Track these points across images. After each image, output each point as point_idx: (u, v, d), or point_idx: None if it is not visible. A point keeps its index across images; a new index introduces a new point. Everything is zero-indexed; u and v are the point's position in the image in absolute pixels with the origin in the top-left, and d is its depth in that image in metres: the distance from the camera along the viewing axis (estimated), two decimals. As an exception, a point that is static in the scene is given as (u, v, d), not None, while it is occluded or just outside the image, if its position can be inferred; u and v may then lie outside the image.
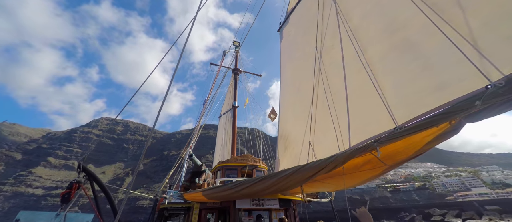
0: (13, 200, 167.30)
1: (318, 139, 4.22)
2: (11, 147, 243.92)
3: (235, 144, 12.38)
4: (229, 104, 16.06)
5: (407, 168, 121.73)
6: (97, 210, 2.59)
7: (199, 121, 12.23)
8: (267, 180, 3.36)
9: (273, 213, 6.88)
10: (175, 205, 6.45)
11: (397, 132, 2.09)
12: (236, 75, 16.86)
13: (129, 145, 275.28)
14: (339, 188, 4.61)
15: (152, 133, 10.76)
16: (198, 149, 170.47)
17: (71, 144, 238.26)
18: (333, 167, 2.64)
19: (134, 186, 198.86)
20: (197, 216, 5.58)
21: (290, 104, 5.87)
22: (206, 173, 7.08)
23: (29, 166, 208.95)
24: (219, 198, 5.03)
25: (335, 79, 3.97)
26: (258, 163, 8.87)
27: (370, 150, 2.42)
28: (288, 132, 5.60)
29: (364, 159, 2.70)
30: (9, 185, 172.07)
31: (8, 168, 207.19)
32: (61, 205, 2.30)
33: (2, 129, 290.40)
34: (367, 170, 2.94)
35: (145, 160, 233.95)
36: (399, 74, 2.93)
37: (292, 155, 5.01)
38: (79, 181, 2.40)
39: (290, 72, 6.20)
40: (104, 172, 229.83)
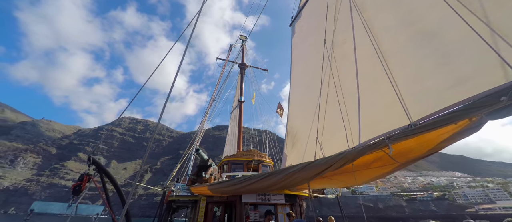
0: (48, 190, 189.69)
1: (327, 135, 4.24)
2: (47, 142, 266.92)
3: (241, 138, 12.51)
4: (237, 100, 16.18)
5: (427, 176, 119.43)
6: (107, 201, 2.72)
7: (206, 116, 12.35)
8: (273, 176, 3.39)
9: (279, 208, 7.01)
10: (183, 197, 6.62)
11: (412, 129, 2.10)
12: (243, 70, 16.86)
13: (148, 143, 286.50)
14: (347, 184, 4.65)
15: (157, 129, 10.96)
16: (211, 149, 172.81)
17: (97, 141, 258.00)
18: (342, 164, 2.65)
19: (152, 182, 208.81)
20: (204, 209, 5.72)
21: (300, 100, 5.90)
22: (212, 167, 7.22)
23: (62, 160, 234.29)
24: (225, 192, 5.13)
25: (346, 75, 3.95)
26: (264, 158, 8.98)
27: (381, 147, 2.44)
28: (296, 128, 5.64)
29: (374, 156, 2.72)
30: (45, 177, 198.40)
31: (44, 161, 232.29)
32: (72, 196, 2.38)
33: (40, 125, 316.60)
34: (377, 167, 2.97)
35: (163, 158, 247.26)
36: (415, 68, 2.89)
37: (300, 152, 5.05)
38: (89, 173, 2.48)
39: (301, 67, 6.21)
40: (125, 168, 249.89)
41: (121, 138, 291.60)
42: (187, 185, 6.59)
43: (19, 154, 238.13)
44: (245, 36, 18.56)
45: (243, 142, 13.47)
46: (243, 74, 16.60)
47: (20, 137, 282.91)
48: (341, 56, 4.22)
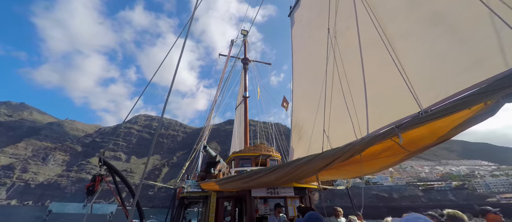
0: (77, 184, 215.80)
1: (333, 127, 4.09)
2: (73, 140, 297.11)
3: (248, 134, 12.54)
4: (241, 95, 16.10)
5: (447, 165, 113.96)
6: (120, 199, 2.80)
7: (210, 114, 12.47)
8: (281, 170, 3.35)
9: (288, 201, 7.01)
10: (194, 193, 6.82)
11: (422, 116, 1.94)
12: (245, 65, 16.68)
13: (164, 139, 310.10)
14: (356, 175, 4.51)
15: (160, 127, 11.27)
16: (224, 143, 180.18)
17: (117, 138, 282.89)
18: (350, 156, 2.56)
19: (170, 175, 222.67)
20: (215, 204, 5.85)
21: (303, 93, 5.72)
22: (221, 164, 7.32)
23: (87, 156, 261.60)
24: (234, 187, 5.19)
25: (351, 64, 3.73)
26: (272, 152, 8.95)
27: (390, 137, 2.30)
28: (301, 121, 5.50)
29: (383, 146, 2.57)
30: (74, 172, 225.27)
31: (72, 158, 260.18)
32: (87, 197, 2.45)
33: (65, 125, 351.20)
34: (387, 156, 2.81)
35: (178, 153, 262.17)
36: (424, 52, 2.66)
37: (306, 144, 4.94)
38: (101, 174, 2.55)
39: (303, 59, 5.98)
40: (144, 162, 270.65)
41: (138, 135, 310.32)
42: (197, 182, 6.75)
43: (49, 152, 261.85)
44: (246, 31, 18.25)
45: (250, 136, 13.50)
46: (247, 69, 16.42)
47: (49, 136, 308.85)
48: (344, 44, 3.98)
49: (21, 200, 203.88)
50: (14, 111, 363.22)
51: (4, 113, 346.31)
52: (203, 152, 8.32)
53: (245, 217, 5.64)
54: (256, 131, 21.01)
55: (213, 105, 13.22)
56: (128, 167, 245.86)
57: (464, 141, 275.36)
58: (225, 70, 15.36)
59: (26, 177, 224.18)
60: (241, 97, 16.14)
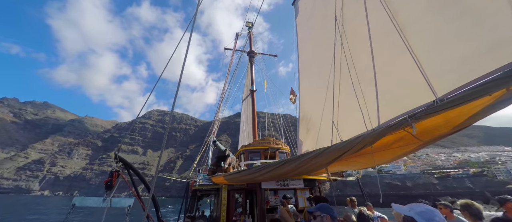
0: (101, 176, 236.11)
1: (342, 118, 3.96)
2: (93, 135, 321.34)
3: (256, 128, 12.58)
4: (248, 89, 16.00)
5: (466, 152, 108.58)
6: (136, 193, 2.94)
7: (218, 109, 12.58)
8: (290, 163, 3.32)
9: (298, 192, 7.07)
10: (206, 186, 7.04)
11: (437, 105, 1.81)
12: (252, 58, 16.43)
13: (177, 133, 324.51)
14: (367, 166, 4.40)
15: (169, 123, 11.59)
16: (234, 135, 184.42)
17: (133, 133, 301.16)
18: (361, 148, 2.48)
19: (184, 167, 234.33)
20: (226, 196, 6.01)
21: (310, 85, 5.55)
22: (230, 157, 7.45)
23: (107, 150, 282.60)
24: (244, 181, 5.27)
25: (359, 52, 3.52)
26: (280, 145, 8.95)
27: (403, 127, 2.19)
28: (309, 113, 5.38)
29: (395, 136, 2.46)
30: (97, 165, 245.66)
31: (93, 152, 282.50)
32: (106, 191, 2.58)
33: (85, 121, 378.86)
34: (399, 147, 2.69)
35: (191, 145, 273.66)
36: (438, 37, 2.43)
37: (315, 137, 4.86)
38: (117, 170, 2.67)
39: (309, 49, 5.75)
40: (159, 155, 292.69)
41: (152, 129, 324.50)
42: (208, 175, 6.93)
43: (73, 147, 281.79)
44: (251, 23, 17.78)
45: (258, 128, 13.52)
46: (253, 62, 16.16)
47: (72, 132, 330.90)
48: (352, 32, 3.75)
49: (53, 190, 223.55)
50: (39, 110, 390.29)
51: (31, 111, 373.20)
52: (213, 146, 8.50)
53: (256, 208, 5.77)
54: (264, 123, 21.05)
55: (221, 100, 13.31)
56: (145, 160, 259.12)
57: (486, 126, 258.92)
58: (231, 64, 15.27)
59: (55, 170, 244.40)
60: (248, 91, 16.04)
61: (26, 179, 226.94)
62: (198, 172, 8.86)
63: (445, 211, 3.56)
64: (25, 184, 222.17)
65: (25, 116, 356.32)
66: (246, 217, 5.63)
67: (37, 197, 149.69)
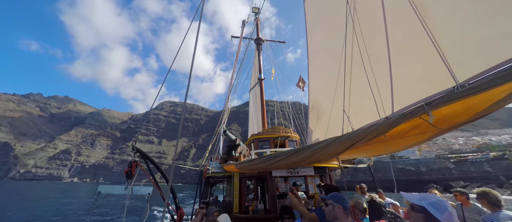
0: (121, 164, 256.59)
1: (354, 106, 3.84)
2: (112, 127, 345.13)
3: (265, 116, 12.60)
4: (256, 77, 15.80)
5: (486, 135, 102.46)
6: (154, 182, 3.13)
7: (228, 99, 12.65)
8: (300, 153, 3.30)
9: (308, 179, 7.16)
10: (218, 174, 7.34)
11: (459, 92, 1.68)
12: (259, 46, 16.02)
13: (189, 123, 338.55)
14: (379, 154, 4.32)
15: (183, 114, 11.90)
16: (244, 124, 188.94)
17: (148, 124, 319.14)
18: (373, 137, 2.42)
19: (197, 155, 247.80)
20: (238, 183, 6.22)
21: (320, 71, 5.36)
22: (241, 146, 7.61)
23: (125, 140, 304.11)
24: (255, 170, 5.40)
25: (373, 35, 3.29)
26: (290, 133, 8.96)
27: (419, 115, 2.09)
28: (319, 101, 5.26)
29: (410, 125, 2.36)
30: (117, 154, 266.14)
31: (113, 142, 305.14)
32: (127, 180, 2.75)
33: (103, 114, 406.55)
34: (414, 135, 2.59)
35: (203, 135, 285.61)
36: (461, 19, 2.19)
37: (325, 126, 4.78)
38: (135, 160, 2.83)
39: (318, 34, 5.47)
40: (174, 145, 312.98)
41: (166, 120, 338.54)
42: (220, 164, 7.17)
43: (95, 138, 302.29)
44: (257, 9, 17.08)
45: (267, 117, 13.53)
46: (260, 50, 15.76)
47: (92, 124, 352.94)
48: (365, 14, 3.49)
49: (81, 177, 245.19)
50: (61, 104, 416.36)
51: (54, 105, 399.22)
52: (223, 135, 8.71)
53: (267, 195, 5.95)
54: (274, 111, 20.98)
55: (230, 90, 13.36)
56: (160, 149, 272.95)
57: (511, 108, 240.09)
58: (239, 52, 15.05)
59: (80, 159, 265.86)
60: (256, 79, 15.85)
61: (57, 168, 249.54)
62: (210, 160, 9.21)
63: (461, 198, 3.48)
64: (56, 172, 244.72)
65: (50, 109, 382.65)
66: (257, 203, 5.85)
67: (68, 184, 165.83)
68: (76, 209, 29.27)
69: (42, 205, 31.95)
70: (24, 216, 23.16)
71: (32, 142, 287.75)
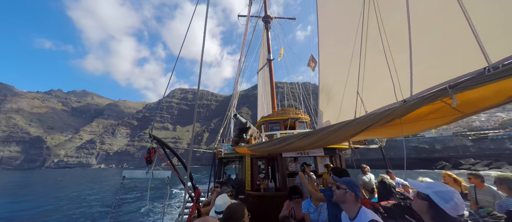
0: (141, 151, 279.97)
1: (368, 87, 3.63)
2: (129, 116, 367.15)
3: (275, 98, 12.46)
4: (264, 58, 15.28)
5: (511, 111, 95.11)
6: (172, 166, 3.32)
7: (237, 82, 12.53)
8: (311, 136, 3.26)
9: (318, 159, 7.26)
10: (230, 155, 7.65)
11: (490, 74, 1.49)
12: (267, 24, 15.19)
13: (200, 109, 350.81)
14: (393, 136, 4.19)
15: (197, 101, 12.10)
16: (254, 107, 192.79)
17: (161, 112, 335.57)
18: (389, 121, 2.30)
19: (210, 139, 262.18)
20: (249, 163, 6.45)
21: (332, 50, 5.04)
22: (251, 129, 7.74)
23: (142, 129, 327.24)
24: (266, 152, 5.51)
25: (391, 11, 2.94)
26: (300, 115, 8.89)
27: (441, 98, 1.93)
28: (330, 81, 5.03)
29: (429, 108, 2.20)
30: (136, 142, 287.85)
31: (132, 130, 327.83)
32: (147, 165, 2.94)
33: (119, 104, 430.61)
34: (434, 118, 2.43)
35: (214, 120, 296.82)
36: None
37: (336, 108, 4.62)
38: (153, 147, 2.99)
39: (330, 8, 5.03)
40: (188, 130, 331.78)
41: (178, 107, 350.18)
42: (232, 146, 7.39)
43: (115, 127, 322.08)
44: None
45: (277, 99, 13.38)
46: (269, 28, 14.94)
47: (111, 115, 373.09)
48: None
49: (107, 164, 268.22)
50: (80, 97, 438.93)
51: (74, 100, 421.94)
52: (234, 119, 8.86)
53: (278, 174, 6.15)
54: (283, 93, 20.69)
55: (239, 73, 13.17)
56: (175, 135, 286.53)
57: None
58: (246, 33, 14.44)
59: (104, 147, 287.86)
60: (264, 60, 15.34)
61: (85, 156, 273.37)
62: (222, 142, 9.56)
63: (475, 181, 3.39)
64: (85, 159, 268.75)
65: (71, 104, 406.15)
66: (268, 182, 6.09)
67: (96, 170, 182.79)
68: (107, 190, 32.67)
69: (78, 188, 36.07)
70: (65, 197, 26.37)
71: (60, 134, 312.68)
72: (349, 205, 1.88)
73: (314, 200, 3.16)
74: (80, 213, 17.93)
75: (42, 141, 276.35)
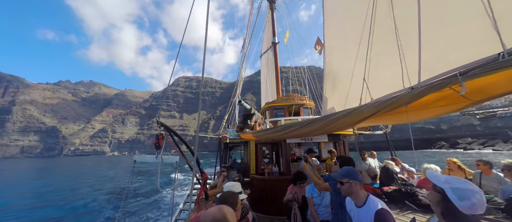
0: (151, 138, 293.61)
1: (374, 74, 3.50)
2: (136, 105, 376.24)
3: (279, 84, 12.29)
4: (268, 41, 14.75)
5: None
6: (180, 151, 3.46)
7: (241, 69, 12.36)
8: (315, 123, 3.26)
9: (322, 145, 7.33)
10: (235, 140, 7.83)
11: (505, 60, 1.41)
12: (272, 4, 14.43)
13: (205, 97, 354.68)
14: (399, 122, 4.13)
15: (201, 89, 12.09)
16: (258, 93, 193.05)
17: (167, 100, 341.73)
18: (394, 108, 2.26)
19: (216, 126, 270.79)
20: (254, 148, 6.60)
21: (338, 34, 4.81)
22: (256, 115, 7.79)
23: (150, 117, 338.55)
24: (270, 138, 5.59)
25: None
26: (305, 101, 8.82)
27: (450, 85, 1.86)
28: (336, 66, 4.87)
29: (437, 95, 2.13)
30: (146, 130, 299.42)
31: (140, 119, 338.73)
32: (156, 150, 3.09)
33: (126, 94, 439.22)
34: (441, 106, 2.37)
35: (219, 107, 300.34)
36: None
37: (342, 94, 4.53)
38: (161, 133, 3.11)
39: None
40: (194, 118, 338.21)
41: (183, 95, 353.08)
42: (237, 132, 7.52)
43: (124, 117, 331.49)
44: None
45: (282, 84, 13.19)
46: (274, 8, 14.21)
47: (119, 105, 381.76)
48: None
49: (120, 151, 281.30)
50: (88, 88, 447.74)
51: (83, 90, 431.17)
52: (239, 105, 8.92)
53: (282, 159, 6.30)
54: (288, 78, 20.35)
55: (243, 60, 12.93)
56: (182, 123, 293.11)
57: None
58: (251, 14, 13.85)
59: (116, 136, 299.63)
60: (269, 43, 14.83)
61: (99, 144, 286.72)
62: (228, 127, 9.77)
63: (483, 168, 3.40)
64: (99, 147, 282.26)
65: (80, 94, 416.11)
66: (272, 166, 6.27)
67: (110, 157, 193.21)
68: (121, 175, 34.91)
69: (95, 173, 38.96)
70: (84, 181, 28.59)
71: (73, 123, 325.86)
72: (357, 194, 1.92)
73: (319, 189, 3.24)
74: (108, 189, 21.14)
75: (57, 131, 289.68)
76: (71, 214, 13.14)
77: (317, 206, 3.28)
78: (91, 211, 13.53)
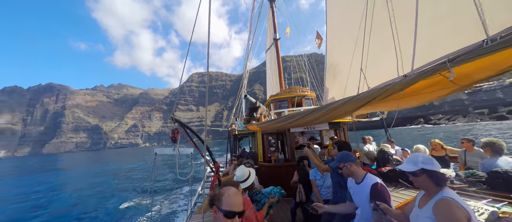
0: None
1: (373, 63, 3.34)
2: (159, 102, 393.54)
3: (282, 78, 12.09)
4: (271, 37, 14.35)
5: None
6: (193, 143, 3.54)
7: (246, 62, 12.24)
8: (315, 113, 3.24)
9: (323, 132, 7.26)
10: (243, 132, 7.95)
11: (487, 46, 1.31)
12: (272, 2, 13.86)
13: (217, 90, 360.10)
14: (391, 109, 3.97)
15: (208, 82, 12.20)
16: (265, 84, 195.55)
17: (184, 96, 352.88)
18: (389, 95, 2.20)
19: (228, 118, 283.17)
20: (261, 138, 6.70)
21: (339, 26, 4.58)
22: (261, 108, 7.82)
23: (171, 111, 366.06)
24: (275, 128, 5.63)
25: None
26: (306, 92, 8.67)
27: (440, 72, 1.77)
28: (337, 58, 4.68)
29: (428, 82, 2.03)
30: (169, 123, 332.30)
31: (164, 114, 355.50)
32: (173, 144, 3.14)
33: (149, 92, 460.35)
34: (431, 92, 2.25)
35: (231, 98, 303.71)
36: None
37: (342, 84, 4.39)
38: (176, 128, 3.11)
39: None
40: (209, 110, 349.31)
41: (198, 90, 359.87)
42: (244, 124, 7.63)
43: (150, 113, 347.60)
44: None
45: (284, 73, 12.94)
46: (274, 6, 13.66)
47: (145, 103, 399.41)
48: None
49: (150, 142, 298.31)
50: (118, 90, 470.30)
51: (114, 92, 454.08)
52: (244, 100, 8.97)
53: (286, 147, 6.35)
54: (291, 67, 19.79)
55: (248, 53, 12.79)
56: (199, 115, 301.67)
57: None
58: (254, 9, 13.46)
59: (146, 129, 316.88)
60: (271, 40, 14.42)
61: (133, 137, 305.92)
62: (236, 120, 9.94)
63: (467, 145, 3.42)
64: (133, 140, 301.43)
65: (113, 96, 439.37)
66: (278, 154, 6.36)
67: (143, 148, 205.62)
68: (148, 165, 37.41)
69: (140, 159, 43.55)
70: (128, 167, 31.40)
71: (110, 121, 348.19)
72: (356, 173, 1.98)
73: (321, 171, 3.29)
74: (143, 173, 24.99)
75: (100, 128, 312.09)
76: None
77: (320, 187, 3.35)
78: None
